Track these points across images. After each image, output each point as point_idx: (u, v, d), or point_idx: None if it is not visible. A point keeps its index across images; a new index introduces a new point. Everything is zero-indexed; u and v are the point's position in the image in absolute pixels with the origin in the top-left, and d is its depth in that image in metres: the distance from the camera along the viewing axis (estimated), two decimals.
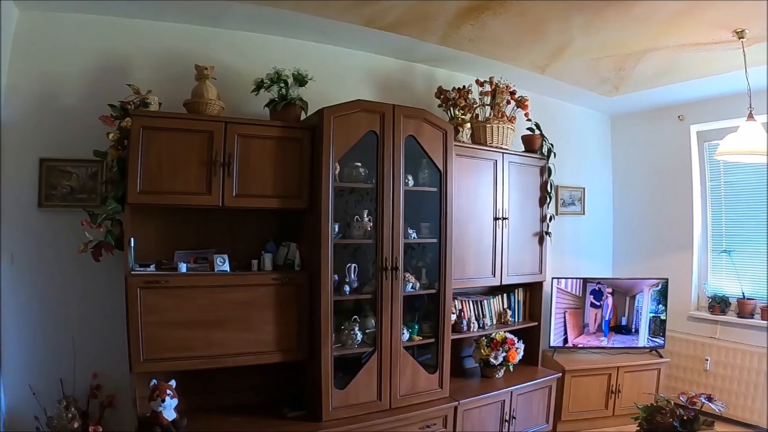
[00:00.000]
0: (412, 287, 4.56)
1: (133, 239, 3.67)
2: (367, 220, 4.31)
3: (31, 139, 3.94)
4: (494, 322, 5.53)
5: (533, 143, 5.78)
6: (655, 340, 6.26)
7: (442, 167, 4.63)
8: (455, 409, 4.64)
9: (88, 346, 3.99)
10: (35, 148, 3.95)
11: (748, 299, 6.19)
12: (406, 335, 4.51)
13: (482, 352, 5.21)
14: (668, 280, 6.33)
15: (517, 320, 5.74)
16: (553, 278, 6.14)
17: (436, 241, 4.68)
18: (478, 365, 5.39)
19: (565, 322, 6.18)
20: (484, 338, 5.27)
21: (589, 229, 7.25)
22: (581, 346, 6.23)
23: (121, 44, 4.19)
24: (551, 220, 5.86)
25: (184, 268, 3.80)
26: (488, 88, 5.38)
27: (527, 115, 5.57)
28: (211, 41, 4.48)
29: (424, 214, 4.74)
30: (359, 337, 4.29)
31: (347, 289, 4.27)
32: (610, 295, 6.31)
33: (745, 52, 4.69)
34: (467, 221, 5.07)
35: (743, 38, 4.57)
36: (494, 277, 5.31)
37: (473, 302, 5.36)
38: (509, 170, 5.42)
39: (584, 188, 7.16)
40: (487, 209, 5.25)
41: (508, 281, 5.45)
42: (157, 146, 3.67)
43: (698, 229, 6.83)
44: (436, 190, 4.67)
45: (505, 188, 5.38)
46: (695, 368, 6.37)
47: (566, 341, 6.19)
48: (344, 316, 4.36)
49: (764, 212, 6.20)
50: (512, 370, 5.35)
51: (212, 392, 4.18)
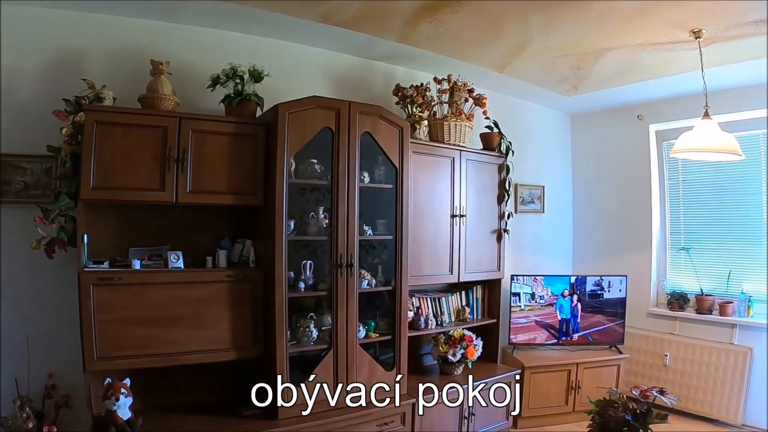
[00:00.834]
0: (367, 284, 4.65)
1: (86, 236, 3.71)
2: (322, 216, 4.39)
3: None
4: (453, 319, 5.68)
5: (491, 141, 5.94)
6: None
7: (398, 164, 4.73)
8: (413, 406, 4.74)
9: (42, 344, 3.99)
10: None
11: (706, 295, 6.49)
12: (362, 332, 4.61)
13: (440, 349, 5.34)
14: (627, 277, 6.56)
15: (475, 317, 5.90)
16: (512, 275, 6.32)
17: (392, 238, 4.77)
18: (436, 362, 5.52)
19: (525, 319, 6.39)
20: (442, 335, 5.41)
21: (548, 226, 7.49)
22: (540, 342, 6.43)
23: (76, 38, 4.19)
24: (509, 217, 6.03)
25: (138, 265, 3.83)
26: (446, 85, 5.50)
27: (485, 113, 5.73)
28: (167, 36, 4.51)
29: (380, 211, 4.84)
30: (315, 334, 4.38)
31: (302, 286, 4.33)
32: (572, 292, 6.54)
33: (701, 52, 4.87)
34: (424, 218, 5.19)
35: (700, 38, 4.73)
36: (452, 274, 5.45)
37: (431, 299, 5.50)
38: (467, 168, 5.56)
39: (544, 186, 7.40)
40: (444, 207, 5.38)
41: (466, 278, 5.60)
42: (110, 141, 3.70)
43: (657, 226, 7.12)
44: (392, 187, 4.76)
45: (462, 186, 5.52)
46: (655, 363, 6.66)
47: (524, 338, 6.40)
48: (301, 313, 4.43)
49: (721, 210, 6.57)
50: (471, 367, 5.47)
51: (169, 391, 4.20)
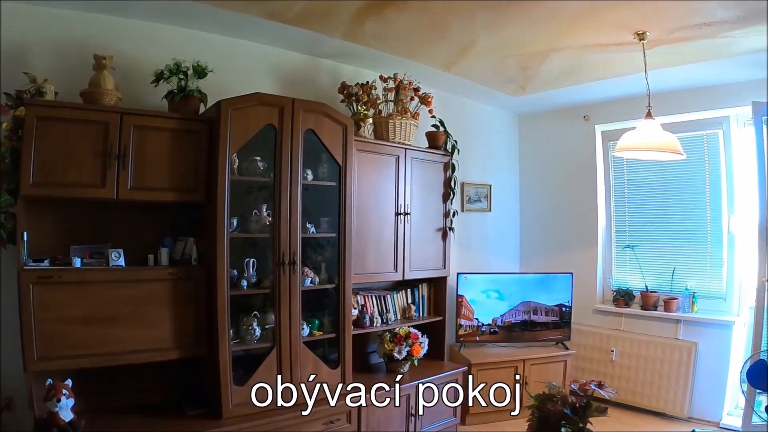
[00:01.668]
0: (311, 282, 4.75)
1: (26, 233, 3.69)
2: (266, 214, 4.45)
3: None
4: (399, 317, 5.84)
5: (437, 140, 6.11)
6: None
7: (341, 162, 4.84)
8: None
9: None
10: None
11: (651, 292, 6.83)
12: (306, 330, 4.71)
13: (386, 347, 5.47)
14: (573, 274, 6.81)
15: (421, 315, 6.05)
16: (458, 273, 6.51)
17: (335, 235, 4.89)
18: (383, 360, 5.64)
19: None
20: (387, 333, 5.54)
21: (495, 225, 7.73)
22: (488, 339, 6.65)
23: (19, 30, 4.11)
24: (455, 215, 6.20)
25: (78, 263, 3.83)
26: (392, 84, 5.62)
27: (431, 111, 5.91)
28: (112, 30, 4.47)
29: (323, 208, 4.94)
30: (258, 332, 4.45)
31: (245, 284, 4.40)
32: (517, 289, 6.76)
33: (645, 54, 5.07)
34: (369, 216, 5.33)
35: (644, 40, 4.92)
36: (396, 272, 5.60)
37: (377, 297, 5.64)
38: (412, 166, 5.72)
39: (491, 185, 7.63)
40: (389, 204, 5.53)
41: (411, 276, 5.74)
42: (51, 137, 3.70)
43: (603, 225, 7.45)
44: (335, 184, 4.87)
45: (407, 184, 5.67)
46: (602, 359, 6.97)
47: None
48: (244, 311, 4.48)
49: (665, 209, 6.91)
50: (417, 364, 5.64)
51: (112, 392, 4.21)
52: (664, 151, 5.04)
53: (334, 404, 4.67)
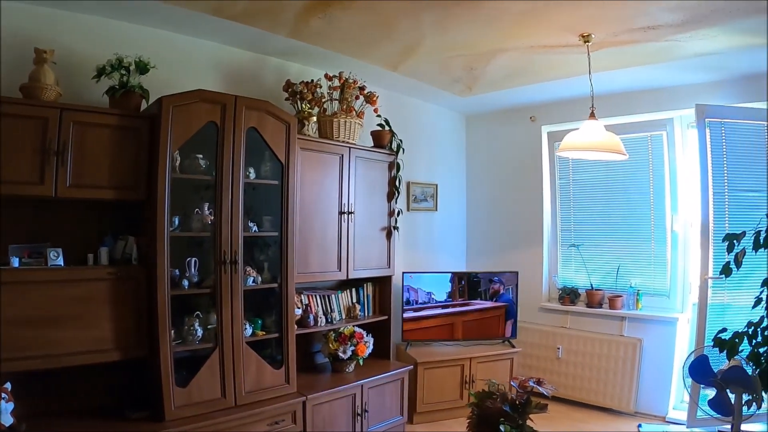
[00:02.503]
0: (253, 281, 4.79)
1: None
2: (207, 212, 4.49)
3: None
4: (343, 316, 5.94)
5: (382, 139, 6.21)
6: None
7: (284, 160, 4.90)
8: (303, 404, 4.93)
9: None
10: None
11: (596, 290, 7.09)
12: (249, 330, 4.76)
13: (330, 346, 5.56)
14: (518, 273, 7.01)
15: (367, 314, 6.15)
16: (404, 272, 6.66)
17: (277, 234, 4.95)
18: (328, 360, 5.73)
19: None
20: (332, 333, 5.63)
21: (442, 224, 7.90)
22: (434, 338, 6.80)
23: None
24: (400, 215, 6.31)
25: (16, 262, 3.81)
26: (337, 82, 5.69)
27: (377, 110, 5.99)
28: (54, 24, 4.39)
29: (266, 207, 4.99)
30: (200, 333, 4.47)
31: (186, 283, 4.41)
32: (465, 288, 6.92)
33: (590, 56, 5.24)
34: (312, 215, 5.41)
35: (589, 42, 5.08)
36: (340, 271, 5.68)
37: (321, 297, 5.73)
38: (356, 165, 5.80)
39: (437, 185, 7.78)
40: (332, 203, 5.62)
41: (355, 275, 5.83)
42: None
43: (548, 224, 7.68)
44: (278, 183, 4.93)
45: (351, 183, 5.75)
46: (548, 356, 7.21)
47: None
48: (187, 311, 4.49)
49: (610, 208, 7.18)
50: (362, 364, 5.75)
51: (55, 395, 4.17)
52: (606, 151, 5.19)
53: (278, 405, 4.73)
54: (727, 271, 4.75)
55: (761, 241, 4.58)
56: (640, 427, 6.21)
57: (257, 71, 5.75)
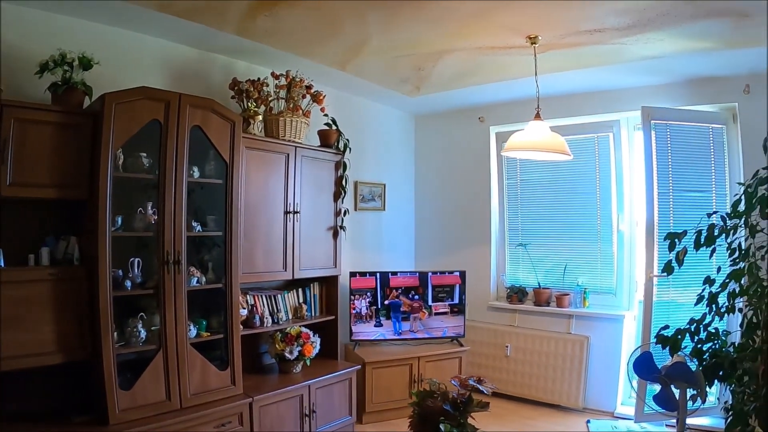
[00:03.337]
0: (197, 281, 4.82)
1: None
2: (151, 212, 4.47)
3: None
4: (290, 316, 5.98)
5: (329, 138, 6.29)
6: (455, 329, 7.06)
7: (228, 159, 4.92)
8: (250, 405, 4.97)
9: None
10: None
11: (543, 288, 7.29)
12: (193, 331, 4.76)
13: (277, 347, 5.61)
14: (466, 272, 7.12)
15: (313, 314, 6.21)
16: (351, 272, 6.73)
17: (222, 234, 4.96)
18: (275, 361, 5.77)
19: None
20: (279, 333, 5.68)
21: (390, 224, 8.01)
22: (382, 338, 6.88)
23: None
24: (347, 214, 6.40)
25: None
26: (284, 81, 5.73)
27: (323, 110, 6.09)
28: None
29: (210, 206, 5.02)
30: (143, 334, 4.46)
31: (129, 284, 4.39)
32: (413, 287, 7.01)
33: (536, 57, 5.36)
34: (257, 215, 5.45)
35: (536, 44, 5.22)
36: (286, 271, 5.73)
37: (267, 297, 5.75)
38: (302, 164, 5.87)
39: (385, 184, 7.89)
40: (278, 203, 5.67)
41: (301, 275, 5.89)
42: None
43: (496, 223, 7.84)
44: (222, 182, 4.95)
45: (297, 182, 5.80)
46: (497, 355, 7.38)
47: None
48: (130, 312, 4.47)
49: (557, 208, 7.35)
50: (309, 364, 5.81)
51: None
52: (550, 151, 5.33)
53: (224, 406, 4.76)
54: (669, 269, 4.88)
55: (702, 240, 4.71)
56: (588, 422, 6.40)
57: (204, 69, 5.74)
